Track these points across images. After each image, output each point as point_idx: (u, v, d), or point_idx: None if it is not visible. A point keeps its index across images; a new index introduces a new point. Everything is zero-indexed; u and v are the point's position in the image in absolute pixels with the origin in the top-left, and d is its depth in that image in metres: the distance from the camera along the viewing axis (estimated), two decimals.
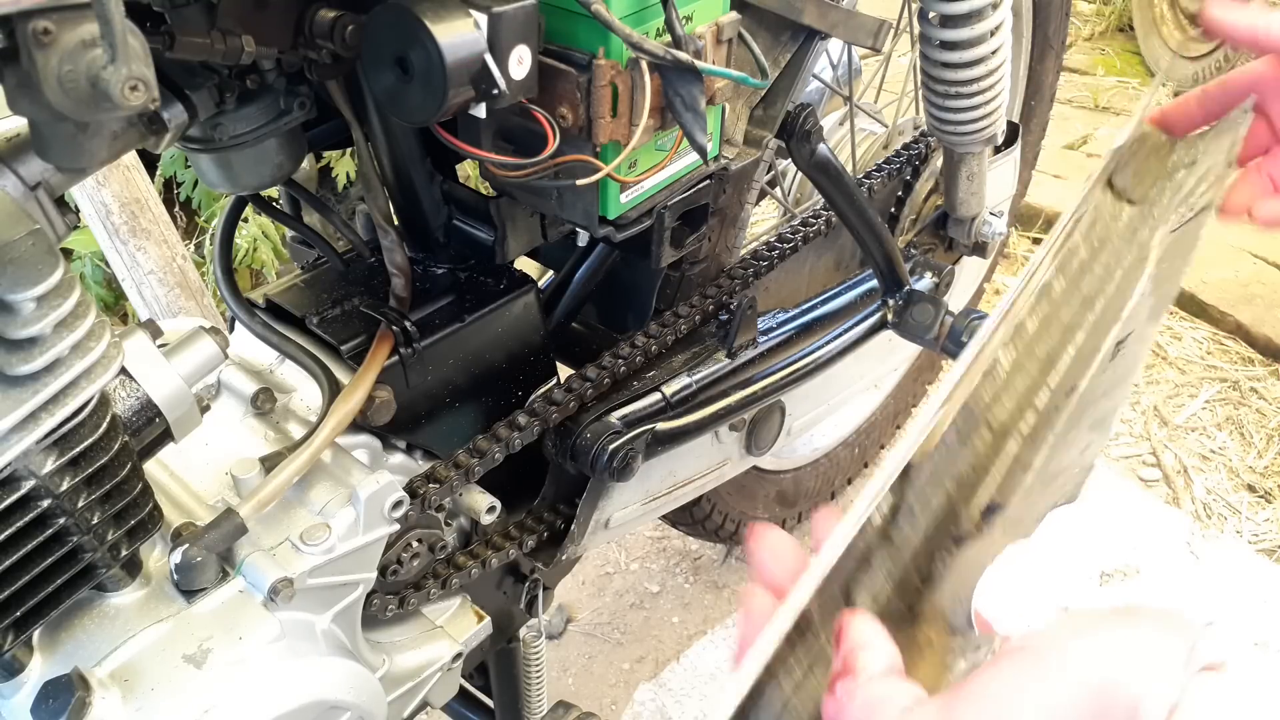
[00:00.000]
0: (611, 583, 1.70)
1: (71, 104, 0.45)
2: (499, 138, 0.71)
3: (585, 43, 0.65)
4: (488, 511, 0.85)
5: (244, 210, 0.93)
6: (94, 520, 0.59)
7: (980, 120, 1.04)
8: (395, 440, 0.83)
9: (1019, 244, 2.52)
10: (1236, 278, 2.32)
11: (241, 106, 0.70)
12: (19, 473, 0.54)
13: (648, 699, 1.47)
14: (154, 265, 1.70)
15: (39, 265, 0.50)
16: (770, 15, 0.87)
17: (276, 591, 0.66)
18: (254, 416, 0.81)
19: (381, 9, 0.60)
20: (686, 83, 0.65)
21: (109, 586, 0.64)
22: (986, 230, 1.27)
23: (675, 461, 1.02)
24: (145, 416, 0.64)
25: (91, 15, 0.44)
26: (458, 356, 0.85)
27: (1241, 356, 2.17)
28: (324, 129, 0.79)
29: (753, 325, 1.02)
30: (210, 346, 0.68)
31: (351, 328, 0.81)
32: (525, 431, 0.85)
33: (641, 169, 0.73)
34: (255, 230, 2.03)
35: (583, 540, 0.98)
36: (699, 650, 1.54)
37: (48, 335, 0.51)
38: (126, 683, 0.61)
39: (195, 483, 0.76)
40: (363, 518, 0.71)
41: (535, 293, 0.89)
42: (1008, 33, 0.97)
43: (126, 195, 1.66)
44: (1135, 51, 3.64)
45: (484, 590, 0.94)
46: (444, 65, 0.58)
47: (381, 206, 0.82)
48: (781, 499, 1.61)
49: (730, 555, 1.72)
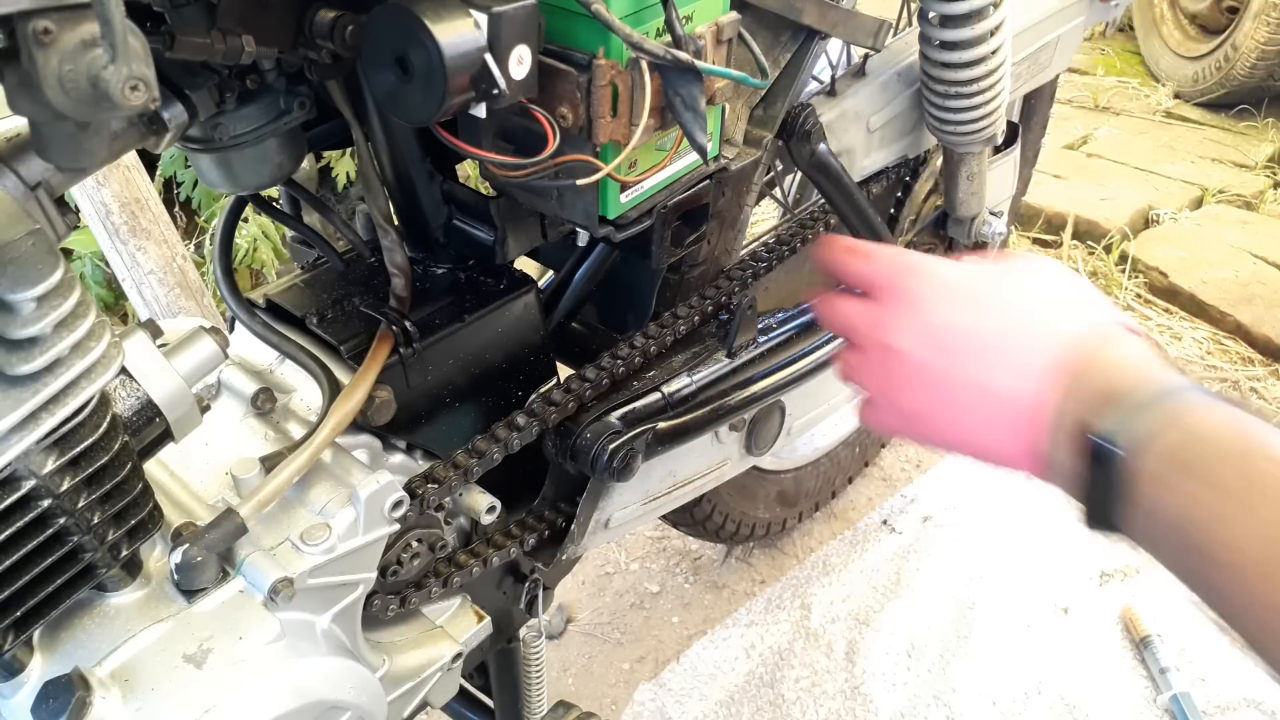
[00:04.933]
0: (611, 583, 1.70)
1: (71, 104, 0.45)
2: (499, 138, 0.71)
3: (585, 43, 0.65)
4: (488, 511, 0.85)
5: (244, 210, 0.93)
6: (94, 520, 0.59)
7: (980, 120, 1.04)
8: (395, 440, 0.83)
9: (1019, 244, 2.52)
10: (1236, 278, 2.32)
11: (241, 106, 0.70)
12: (19, 473, 0.54)
13: (648, 699, 1.47)
14: (154, 265, 1.70)
15: (39, 265, 0.50)
16: (770, 15, 0.87)
17: (276, 591, 0.66)
18: (254, 416, 0.81)
19: (381, 9, 0.60)
20: (686, 83, 0.65)
21: (109, 586, 0.64)
22: (986, 230, 1.27)
23: (675, 461, 1.02)
24: (145, 416, 0.64)
25: (92, 15, 0.44)
26: (458, 356, 0.85)
27: (1241, 356, 2.17)
28: (324, 129, 0.79)
29: (753, 325, 1.02)
30: (210, 346, 0.68)
31: (351, 328, 0.81)
32: (525, 431, 0.85)
33: (641, 169, 0.73)
34: (255, 230, 2.04)
35: (583, 540, 0.98)
36: (699, 650, 1.54)
37: (48, 335, 0.51)
38: (126, 683, 0.61)
39: (195, 483, 0.76)
40: (363, 518, 0.71)
41: (535, 293, 0.89)
42: (1008, 33, 0.97)
43: (126, 195, 1.66)
44: (1135, 51, 3.64)
45: (484, 590, 0.94)
46: (444, 65, 0.58)
47: (381, 206, 0.82)
48: (782, 499, 1.61)
49: (730, 555, 1.72)
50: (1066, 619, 1.54)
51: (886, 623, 1.55)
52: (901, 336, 0.69)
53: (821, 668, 1.50)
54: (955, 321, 0.68)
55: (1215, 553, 0.53)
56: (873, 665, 1.49)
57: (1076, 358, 0.63)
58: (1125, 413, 0.58)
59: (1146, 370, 0.60)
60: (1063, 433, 0.62)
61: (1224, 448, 0.54)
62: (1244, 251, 2.41)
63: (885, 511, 1.77)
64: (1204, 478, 0.53)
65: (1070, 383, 0.62)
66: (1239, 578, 0.52)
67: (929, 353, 0.68)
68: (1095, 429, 0.59)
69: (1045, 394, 0.63)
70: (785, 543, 1.74)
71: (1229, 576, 0.52)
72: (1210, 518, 0.53)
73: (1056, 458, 0.62)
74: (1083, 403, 0.61)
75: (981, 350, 0.66)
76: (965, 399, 0.67)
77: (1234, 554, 0.52)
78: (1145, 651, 1.46)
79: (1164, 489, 0.55)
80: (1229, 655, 1.46)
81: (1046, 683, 1.45)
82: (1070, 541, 1.65)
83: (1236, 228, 2.51)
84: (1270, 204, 2.66)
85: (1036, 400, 0.63)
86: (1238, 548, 0.51)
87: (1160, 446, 0.56)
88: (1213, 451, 0.54)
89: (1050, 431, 0.63)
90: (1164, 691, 1.40)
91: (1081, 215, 2.52)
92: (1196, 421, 0.55)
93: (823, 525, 1.77)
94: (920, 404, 0.70)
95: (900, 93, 1.08)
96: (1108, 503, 0.59)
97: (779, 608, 1.60)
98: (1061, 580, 1.59)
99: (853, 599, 1.60)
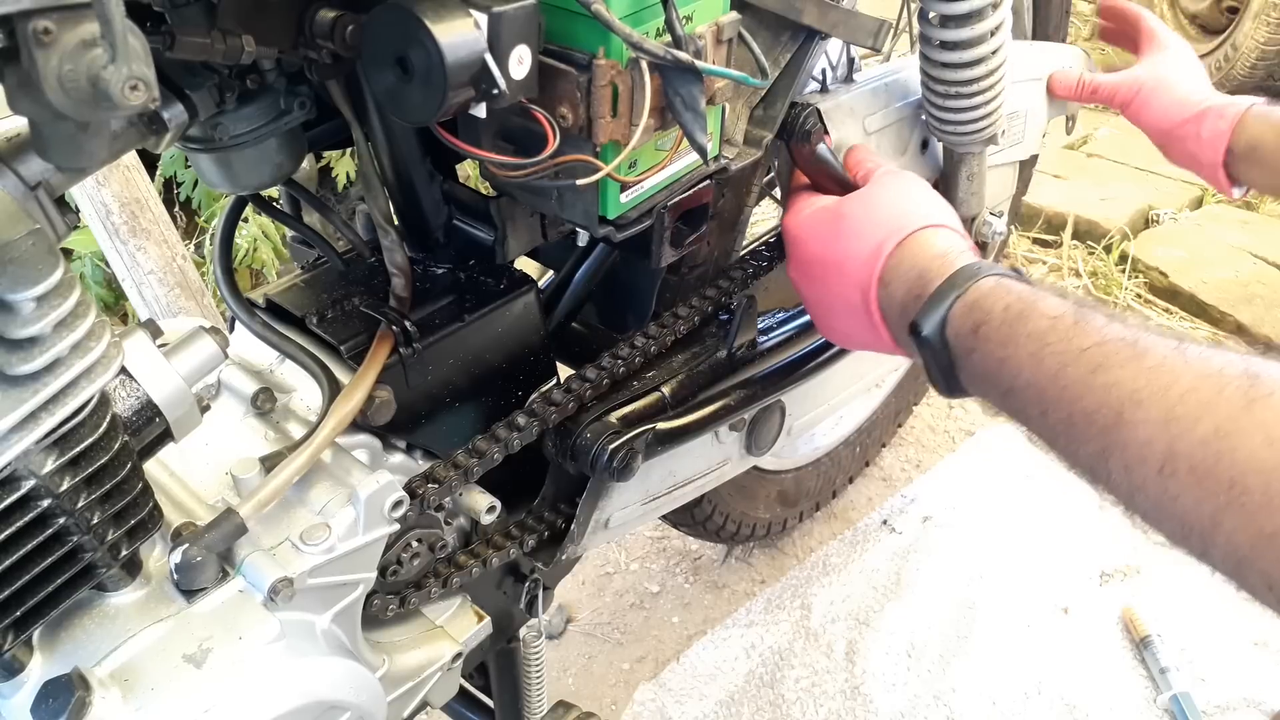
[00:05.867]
0: (611, 583, 1.70)
1: (71, 104, 0.45)
2: (499, 138, 0.71)
3: (585, 43, 0.65)
4: (488, 511, 0.85)
5: (244, 210, 0.93)
6: (94, 520, 0.59)
7: (980, 120, 1.04)
8: (395, 440, 0.83)
9: (1019, 244, 2.52)
10: (1236, 278, 2.32)
11: (241, 106, 0.70)
12: (19, 473, 0.54)
13: (648, 699, 1.47)
14: (154, 265, 1.70)
15: (39, 265, 0.50)
16: (770, 15, 0.87)
17: (276, 591, 0.66)
18: (254, 416, 0.81)
19: (381, 9, 0.60)
20: (686, 83, 0.65)
21: (109, 586, 0.64)
22: (986, 230, 1.27)
23: (675, 461, 1.02)
24: (145, 416, 0.64)
25: (92, 15, 0.44)
26: (458, 356, 0.85)
27: None
28: (324, 129, 0.79)
29: (753, 325, 1.02)
30: (210, 346, 0.68)
31: (351, 328, 0.81)
32: (525, 431, 0.85)
33: (641, 169, 0.73)
34: (255, 230, 2.04)
35: (583, 540, 0.98)
36: (699, 650, 1.54)
37: (48, 335, 0.51)
38: (126, 682, 0.61)
39: (195, 483, 0.76)
40: (363, 518, 0.71)
41: (535, 293, 0.89)
42: (1008, 33, 0.97)
43: (126, 195, 1.66)
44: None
45: (484, 590, 0.94)
46: (444, 65, 0.58)
47: (381, 206, 0.82)
48: (782, 498, 1.61)
49: (730, 555, 1.72)
50: (1066, 619, 1.54)
51: (886, 623, 1.55)
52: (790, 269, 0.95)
53: (821, 668, 1.50)
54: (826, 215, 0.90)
55: (1017, 392, 0.69)
56: (873, 665, 1.49)
57: (895, 250, 0.82)
58: (933, 301, 0.75)
59: (948, 260, 0.78)
60: (893, 322, 0.82)
61: (1004, 314, 0.71)
62: (1244, 251, 2.41)
63: (885, 511, 1.77)
64: (994, 339, 0.70)
65: (886, 273, 0.82)
66: (1037, 406, 0.67)
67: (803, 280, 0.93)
68: (914, 318, 0.76)
69: (870, 279, 0.83)
70: (785, 543, 1.74)
71: (1031, 409, 0.68)
72: (1006, 369, 0.69)
73: (901, 340, 0.81)
74: (900, 290, 0.80)
75: (838, 236, 0.87)
76: (824, 276, 0.88)
77: (1027, 391, 0.68)
78: (1145, 651, 1.46)
79: (973, 354, 0.72)
80: (1229, 655, 1.46)
81: (1046, 683, 1.45)
82: (1070, 541, 1.65)
83: (1236, 228, 2.51)
84: (1270, 204, 2.66)
85: (864, 281, 0.83)
86: (1026, 385, 0.68)
87: (960, 325, 0.73)
88: (996, 317, 0.71)
89: (885, 319, 0.83)
90: (1164, 691, 1.40)
91: (1081, 215, 2.52)
92: (982, 296, 0.73)
93: (823, 525, 1.77)
94: (806, 289, 0.93)
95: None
96: (948, 375, 0.76)
97: (779, 608, 1.60)
98: (1061, 580, 1.59)
99: (853, 599, 1.60)
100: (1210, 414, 0.56)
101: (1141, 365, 0.61)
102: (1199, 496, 0.56)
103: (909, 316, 0.77)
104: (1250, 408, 0.55)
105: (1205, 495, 0.56)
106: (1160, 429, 0.58)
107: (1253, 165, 1.15)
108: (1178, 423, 0.57)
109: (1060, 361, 0.65)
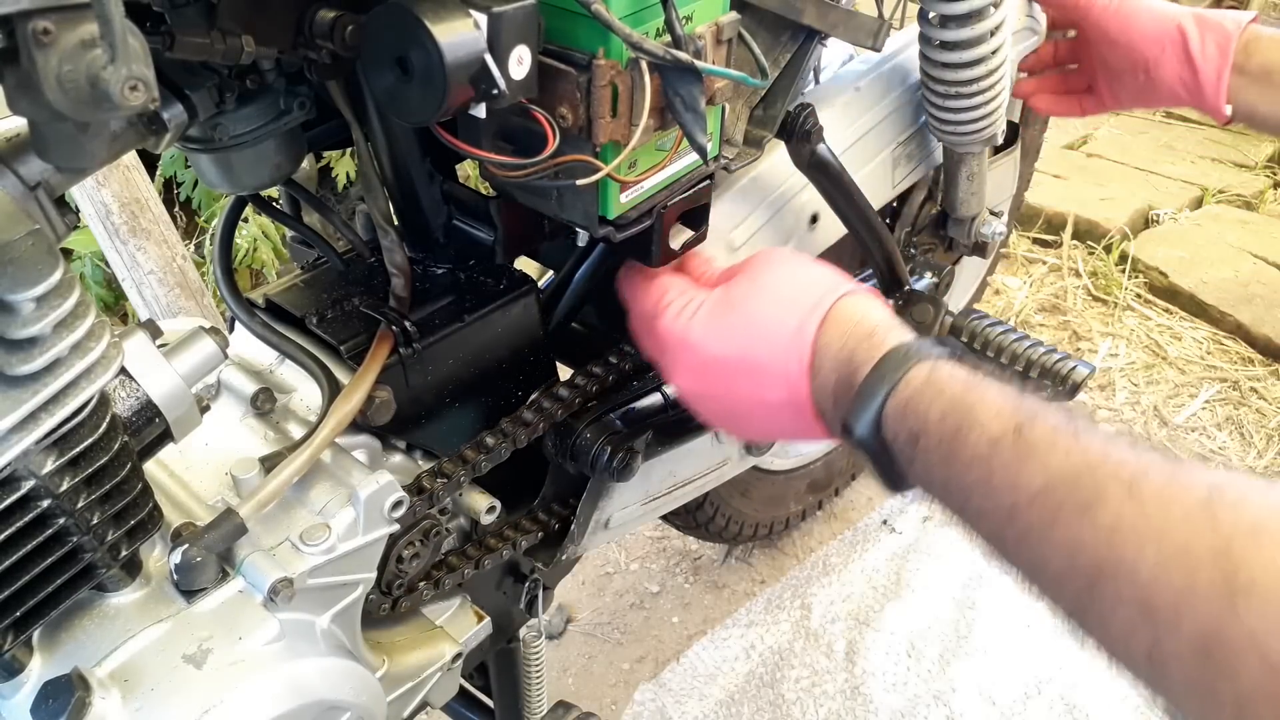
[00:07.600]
0: (611, 583, 1.70)
1: (71, 104, 0.45)
2: (499, 138, 0.71)
3: (585, 43, 0.65)
4: (488, 511, 0.85)
5: (244, 210, 0.93)
6: (94, 520, 0.59)
7: (980, 120, 1.04)
8: (395, 440, 0.83)
9: (1019, 244, 2.52)
10: (1236, 278, 2.32)
11: (241, 106, 0.70)
12: (19, 473, 0.54)
13: (648, 699, 1.48)
14: (154, 265, 1.70)
15: (39, 265, 0.50)
16: (770, 15, 0.87)
17: (276, 591, 0.66)
18: (254, 416, 0.81)
19: (381, 9, 0.60)
20: (686, 83, 0.65)
21: (109, 586, 0.64)
22: (986, 230, 1.27)
23: (675, 461, 1.02)
24: (145, 416, 0.64)
25: (91, 15, 0.44)
26: (458, 356, 0.85)
27: (1241, 356, 2.17)
28: (324, 129, 0.79)
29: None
30: (210, 346, 0.68)
31: (351, 328, 0.81)
32: (525, 431, 0.85)
33: (641, 169, 0.73)
34: (255, 230, 2.04)
35: (583, 540, 0.98)
36: (699, 650, 1.54)
37: (48, 335, 0.51)
38: (126, 683, 0.61)
39: (195, 483, 0.76)
40: (363, 518, 0.71)
41: (535, 293, 0.89)
42: (1008, 33, 0.97)
43: (126, 195, 1.66)
44: None
45: (484, 590, 0.94)
46: (444, 65, 0.58)
47: (381, 206, 0.82)
48: (813, 487, 1.62)
49: (730, 555, 1.72)
50: None
51: (886, 623, 1.55)
52: (679, 379, 0.78)
53: (821, 668, 1.50)
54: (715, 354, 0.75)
55: (970, 517, 0.62)
56: (873, 665, 1.49)
57: (819, 331, 0.70)
58: (861, 399, 0.65)
59: (875, 339, 0.67)
60: (828, 415, 0.70)
61: (940, 427, 0.61)
62: (1244, 251, 2.41)
63: (885, 511, 1.77)
64: (934, 455, 0.62)
65: (816, 358, 0.70)
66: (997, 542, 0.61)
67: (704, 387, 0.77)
68: (844, 418, 0.66)
69: (799, 372, 0.70)
70: (785, 543, 1.74)
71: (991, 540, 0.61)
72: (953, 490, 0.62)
73: (839, 434, 0.69)
74: (832, 379, 0.69)
75: (737, 328, 0.73)
76: (729, 378, 0.74)
77: (980, 521, 0.61)
78: None
79: (914, 465, 0.64)
80: None
81: (1046, 683, 1.45)
82: None
83: (1236, 228, 2.51)
84: (1270, 204, 2.66)
85: (791, 376, 0.70)
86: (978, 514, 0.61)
87: (897, 429, 0.63)
88: (933, 430, 0.62)
89: (820, 413, 0.71)
90: None
91: (1081, 215, 2.52)
92: (915, 394, 0.63)
93: (823, 525, 1.77)
94: (707, 399, 0.78)
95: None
96: (891, 476, 0.67)
97: (779, 608, 1.60)
98: None
99: (853, 599, 1.60)
100: (1191, 614, 0.48)
101: (1097, 524, 0.52)
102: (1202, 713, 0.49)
103: (842, 412, 0.67)
104: (1234, 603, 0.46)
105: (1209, 710, 0.48)
106: (1141, 619, 0.50)
107: (1267, 88, 1.01)
108: (1158, 613, 0.49)
109: (1011, 500, 0.57)
